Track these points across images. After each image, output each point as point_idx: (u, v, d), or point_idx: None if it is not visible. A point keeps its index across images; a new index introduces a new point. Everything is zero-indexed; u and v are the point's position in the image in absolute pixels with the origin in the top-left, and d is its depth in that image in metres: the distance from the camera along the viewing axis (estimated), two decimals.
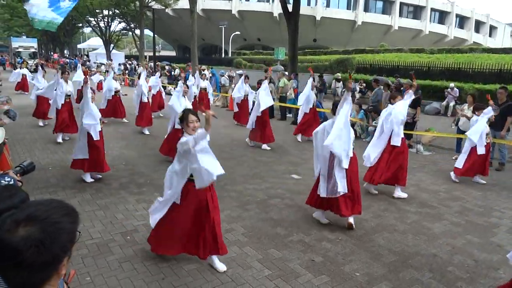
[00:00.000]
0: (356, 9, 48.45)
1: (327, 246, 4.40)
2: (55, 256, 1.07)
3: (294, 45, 14.91)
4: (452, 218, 5.34)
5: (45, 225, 1.05)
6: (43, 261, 1.04)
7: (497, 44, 53.94)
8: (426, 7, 51.43)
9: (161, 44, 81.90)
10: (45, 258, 1.04)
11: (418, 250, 4.37)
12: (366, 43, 40.74)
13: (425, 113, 15.06)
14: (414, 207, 5.73)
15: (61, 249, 1.08)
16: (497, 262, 4.17)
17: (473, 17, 55.40)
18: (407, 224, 5.10)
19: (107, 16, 39.51)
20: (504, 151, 7.93)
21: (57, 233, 1.06)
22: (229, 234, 4.61)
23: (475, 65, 18.16)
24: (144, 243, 4.31)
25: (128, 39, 62.54)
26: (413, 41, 48.07)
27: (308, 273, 3.82)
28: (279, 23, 42.83)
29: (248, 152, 8.75)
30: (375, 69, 21.39)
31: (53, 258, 1.07)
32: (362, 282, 3.69)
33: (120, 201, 5.59)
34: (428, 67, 19.74)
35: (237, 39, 49.31)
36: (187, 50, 52.53)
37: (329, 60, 25.17)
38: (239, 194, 6.03)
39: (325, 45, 45.23)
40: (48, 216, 1.08)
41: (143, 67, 25.09)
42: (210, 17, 49.64)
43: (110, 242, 4.33)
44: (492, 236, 4.81)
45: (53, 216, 1.09)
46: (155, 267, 3.83)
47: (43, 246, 1.03)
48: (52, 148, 8.57)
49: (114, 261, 3.94)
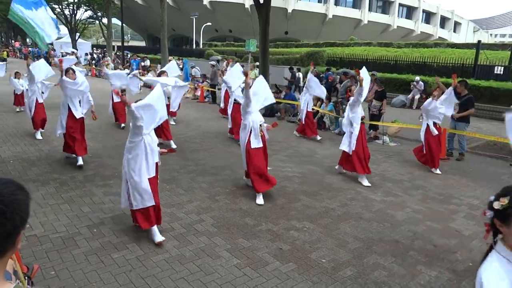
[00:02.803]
0: (327, 3, 48.91)
1: (294, 234, 4.49)
2: (15, 227, 1.10)
3: (265, 37, 14.88)
4: (414, 205, 5.57)
5: (3, 197, 1.09)
6: (7, 232, 1.08)
7: (460, 39, 55.97)
8: (394, 2, 52.61)
9: (130, 34, 79.85)
10: (7, 229, 1.08)
11: (382, 237, 4.54)
12: (337, 37, 41.30)
13: (391, 105, 15.50)
14: (379, 196, 5.93)
15: (20, 221, 1.12)
16: (454, 246, 4.39)
17: (439, 13, 57.22)
18: (372, 212, 5.27)
19: (72, 4, 38.00)
20: (463, 142, 8.30)
21: (16, 204, 1.10)
22: (198, 225, 4.62)
23: (440, 60, 18.83)
24: (111, 235, 4.25)
25: (95, 28, 60.42)
26: (382, 35, 49.14)
27: (276, 261, 3.89)
28: (251, 15, 42.67)
29: (219, 144, 8.74)
30: (345, 62, 21.73)
31: (14, 229, 1.10)
32: (328, 268, 3.80)
33: (86, 194, 5.47)
34: (395, 61, 20.27)
35: (209, 30, 48.79)
36: (157, 40, 51.40)
37: (300, 53, 25.37)
38: (209, 185, 6.03)
39: (296, 38, 45.54)
40: (3, 189, 1.11)
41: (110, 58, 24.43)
42: (180, 7, 48.78)
43: (76, 236, 4.24)
44: (451, 222, 5.06)
45: (8, 189, 1.12)
46: (122, 259, 3.80)
47: (4, 217, 1.07)
48: (12, 141, 8.24)
49: (80, 254, 3.86)
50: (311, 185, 6.22)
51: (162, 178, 6.26)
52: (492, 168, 7.77)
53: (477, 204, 5.73)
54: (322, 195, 5.80)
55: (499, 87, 14.50)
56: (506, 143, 8.88)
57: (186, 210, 5.03)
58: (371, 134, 9.81)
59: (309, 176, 6.68)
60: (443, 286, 3.58)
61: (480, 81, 15.24)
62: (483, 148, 9.23)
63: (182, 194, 5.60)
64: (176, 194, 5.61)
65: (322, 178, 6.61)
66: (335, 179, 6.59)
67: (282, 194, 5.69)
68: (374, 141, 9.71)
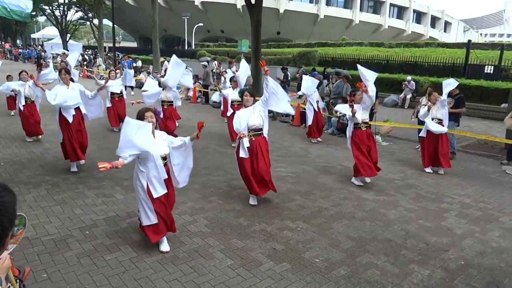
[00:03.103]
0: (318, 3, 49.11)
1: (288, 234, 4.49)
2: (4, 229, 1.10)
3: (257, 38, 14.89)
4: (407, 204, 5.61)
5: None
6: None
7: (451, 39, 56.56)
8: (385, 2, 52.99)
9: (122, 35, 79.40)
10: None
11: (375, 236, 4.56)
12: (329, 37, 41.46)
13: (383, 105, 15.61)
14: (371, 195, 5.96)
15: (9, 222, 1.12)
16: (446, 244, 4.43)
17: (429, 12, 57.73)
18: (365, 211, 5.30)
19: (63, 5, 37.67)
20: (453, 141, 8.37)
21: (3, 206, 1.09)
22: (191, 226, 4.61)
23: (431, 59, 18.98)
24: (104, 237, 4.22)
25: (86, 29, 60.00)
26: (373, 35, 49.44)
27: (270, 261, 3.89)
28: (243, 15, 42.62)
29: (212, 145, 8.72)
30: (336, 62, 21.84)
31: (2, 231, 1.10)
32: (321, 267, 3.82)
33: (78, 195, 5.42)
34: (387, 61, 20.41)
35: (201, 31, 48.68)
36: (148, 41, 51.19)
37: (292, 53, 25.41)
38: (202, 186, 6.01)
39: (288, 38, 45.61)
40: None
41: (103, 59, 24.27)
42: (172, 8, 48.61)
43: (68, 238, 4.20)
44: (442, 221, 5.10)
45: None
46: (115, 261, 3.77)
47: None
48: (3, 143, 8.14)
49: (72, 256, 3.83)
50: (305, 185, 6.24)
51: None
52: (483, 166, 7.85)
53: (469, 202, 5.79)
54: (315, 195, 5.82)
55: (489, 86, 14.66)
56: (496, 142, 8.99)
57: (179, 211, 5.01)
58: None
59: (302, 176, 6.70)
60: (435, 284, 3.61)
61: (470, 81, 15.40)
62: (474, 147, 9.32)
63: (176, 195, 5.56)
64: None
65: (315, 178, 6.63)
66: (328, 179, 6.62)
67: (276, 194, 5.70)
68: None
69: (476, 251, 4.29)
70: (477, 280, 3.71)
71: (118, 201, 5.31)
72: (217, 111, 12.55)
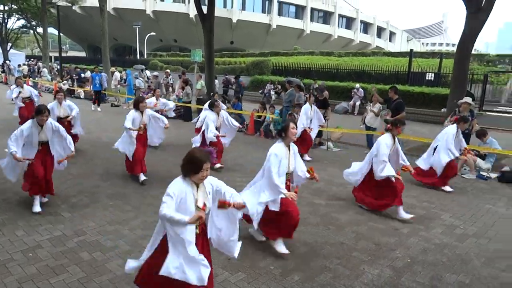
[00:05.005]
0: (270, 13, 50.12)
1: (244, 243, 4.49)
2: None
3: (210, 47, 14.91)
4: (357, 208, 5.82)
5: None
6: None
7: (396, 48, 59.88)
8: (334, 13, 55.17)
9: (69, 43, 76.19)
10: None
11: (328, 240, 4.69)
12: (281, 46, 42.39)
13: (334, 112, 16.13)
14: (325, 200, 6.13)
15: None
16: (394, 243, 4.65)
17: (375, 23, 60.80)
18: (319, 216, 5.44)
19: (3, 12, 35.56)
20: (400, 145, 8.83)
21: None
22: (144, 241, 4.47)
23: (377, 68, 19.98)
24: (49, 258, 3.99)
25: (30, 38, 56.97)
26: (324, 44, 51.21)
27: (225, 271, 3.87)
28: (196, 25, 42.52)
29: (168, 157, 8.56)
30: (289, 71, 22.36)
31: None
32: (276, 274, 3.85)
33: (20, 216, 5.09)
34: (337, 69, 21.21)
35: (153, 40, 47.88)
36: (98, 50, 49.50)
37: (245, 62, 25.69)
38: (156, 199, 5.87)
39: (242, 48, 46.08)
40: None
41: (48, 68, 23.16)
42: (122, 17, 47.50)
43: (8, 262, 3.92)
44: (391, 222, 5.34)
45: None
46: (62, 284, 3.57)
47: None
48: None
49: (13, 282, 3.58)
50: None
51: (107, 193, 6.02)
52: None
53: (413, 203, 6.11)
54: None
55: (431, 93, 15.66)
56: None
57: (130, 227, 4.86)
58: (316, 141, 10.12)
59: None
60: (384, 283, 3.77)
61: (413, 87, 16.37)
62: (418, 150, 9.83)
63: (129, 211, 5.40)
64: (123, 210, 5.40)
65: None
66: None
67: None
68: (319, 147, 10.05)
69: (421, 248, 4.54)
70: (422, 276, 3.92)
71: (65, 219, 5.05)
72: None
